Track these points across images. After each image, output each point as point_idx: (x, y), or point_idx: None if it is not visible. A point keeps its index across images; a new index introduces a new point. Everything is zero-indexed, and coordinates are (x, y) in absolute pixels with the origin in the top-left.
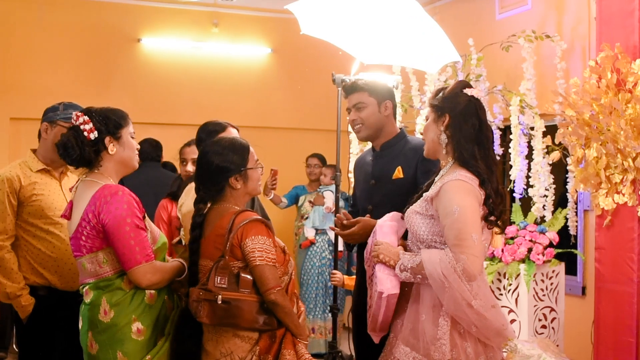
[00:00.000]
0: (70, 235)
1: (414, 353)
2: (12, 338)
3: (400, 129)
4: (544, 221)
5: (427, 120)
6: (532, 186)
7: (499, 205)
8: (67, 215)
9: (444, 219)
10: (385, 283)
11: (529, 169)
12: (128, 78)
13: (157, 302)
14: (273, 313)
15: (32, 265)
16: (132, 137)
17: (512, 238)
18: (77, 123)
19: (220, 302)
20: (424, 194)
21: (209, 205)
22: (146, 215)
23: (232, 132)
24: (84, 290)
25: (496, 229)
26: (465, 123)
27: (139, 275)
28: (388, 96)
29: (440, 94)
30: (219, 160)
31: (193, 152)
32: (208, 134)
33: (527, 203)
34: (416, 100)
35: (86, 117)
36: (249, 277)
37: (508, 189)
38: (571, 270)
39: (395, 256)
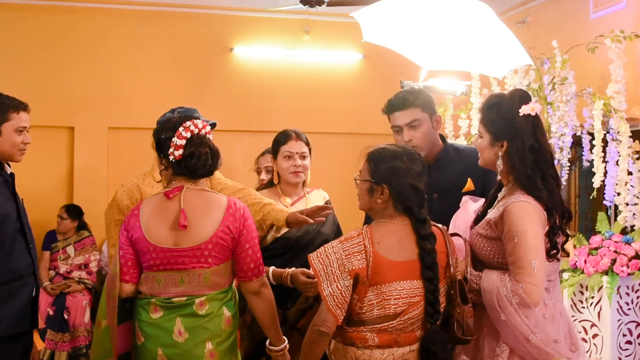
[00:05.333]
0: (187, 246)
1: None
2: None
3: (439, 135)
4: (634, 231)
5: (480, 137)
6: (619, 194)
7: (564, 231)
8: (186, 225)
9: (506, 243)
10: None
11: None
12: (222, 87)
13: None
14: None
15: None
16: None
17: (595, 248)
18: (205, 131)
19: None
20: (487, 216)
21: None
22: None
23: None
24: (198, 302)
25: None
26: (524, 150)
27: (258, 285)
28: (435, 108)
29: (495, 112)
30: None
31: (266, 161)
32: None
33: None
34: None
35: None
36: None
37: (591, 197)
38: None
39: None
